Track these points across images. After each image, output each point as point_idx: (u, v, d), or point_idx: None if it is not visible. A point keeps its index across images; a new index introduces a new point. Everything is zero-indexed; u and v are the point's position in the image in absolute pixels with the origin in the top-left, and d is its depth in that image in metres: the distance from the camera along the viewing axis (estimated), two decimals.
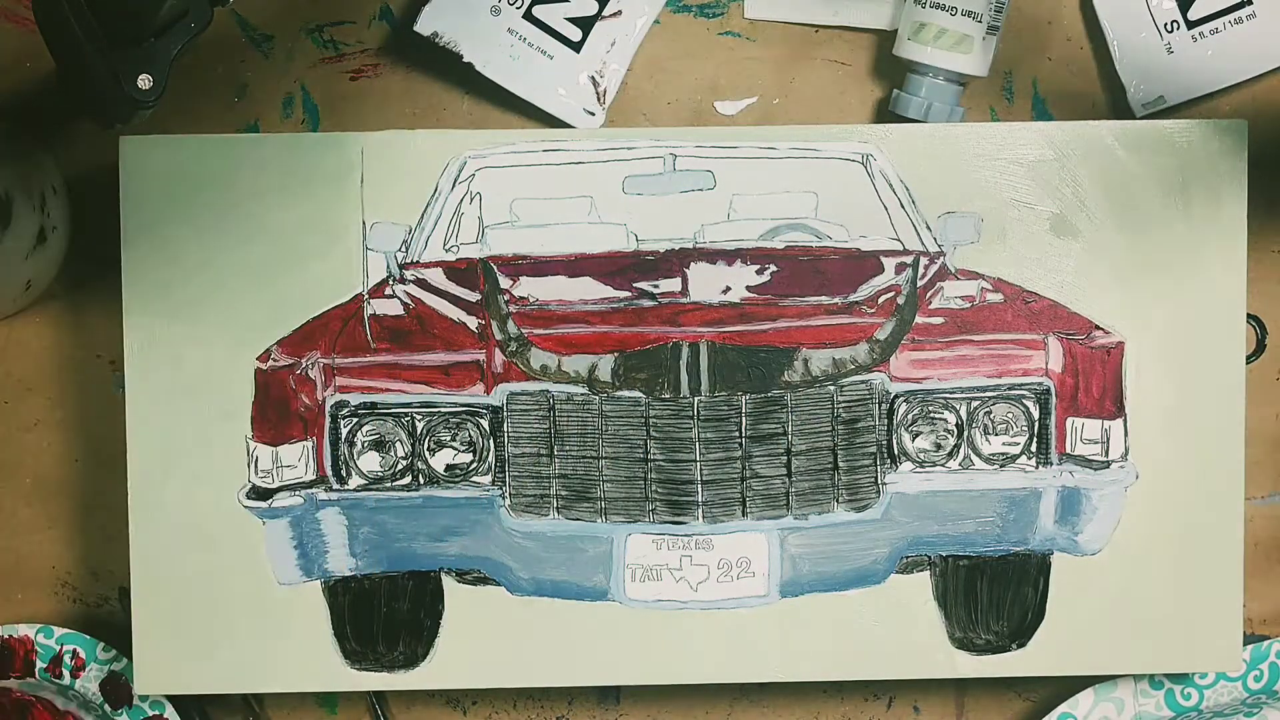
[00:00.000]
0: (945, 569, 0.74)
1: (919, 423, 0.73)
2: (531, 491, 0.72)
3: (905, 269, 0.73)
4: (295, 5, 0.78)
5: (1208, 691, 0.78)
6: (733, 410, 0.71)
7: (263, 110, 0.78)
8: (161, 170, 0.72)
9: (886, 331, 0.72)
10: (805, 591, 0.73)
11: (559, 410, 0.72)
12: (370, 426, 0.72)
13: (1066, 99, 0.79)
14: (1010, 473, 0.73)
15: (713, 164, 0.74)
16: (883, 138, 0.74)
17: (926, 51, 0.75)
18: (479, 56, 0.76)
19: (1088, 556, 0.74)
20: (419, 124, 0.78)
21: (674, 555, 0.73)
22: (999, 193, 0.74)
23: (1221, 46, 0.77)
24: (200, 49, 0.71)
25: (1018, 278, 0.74)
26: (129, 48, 0.61)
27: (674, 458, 0.72)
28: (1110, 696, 0.77)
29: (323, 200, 0.73)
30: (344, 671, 0.74)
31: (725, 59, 0.78)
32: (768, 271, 0.73)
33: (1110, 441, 0.73)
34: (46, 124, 0.77)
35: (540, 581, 0.73)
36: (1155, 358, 0.74)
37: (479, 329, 0.72)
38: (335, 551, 0.73)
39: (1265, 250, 0.79)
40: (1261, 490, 0.80)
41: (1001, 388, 0.73)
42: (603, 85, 0.77)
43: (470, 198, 0.74)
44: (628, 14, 0.77)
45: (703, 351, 0.71)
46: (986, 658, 0.74)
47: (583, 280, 0.73)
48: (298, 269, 0.73)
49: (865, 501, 0.73)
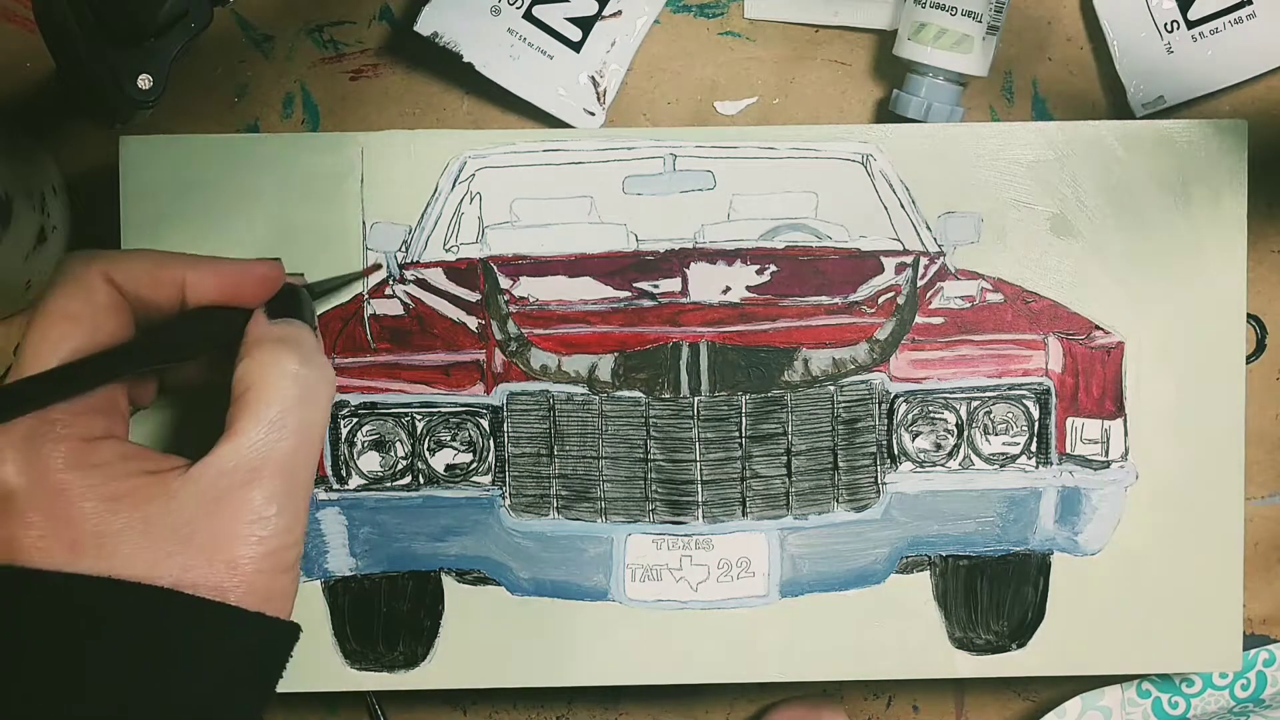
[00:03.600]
0: (945, 569, 0.74)
1: (919, 423, 0.73)
2: (531, 491, 0.72)
3: (905, 269, 0.73)
4: (295, 5, 0.78)
5: (1195, 700, 0.78)
6: (733, 410, 0.71)
7: (263, 110, 0.78)
8: (161, 170, 0.72)
9: (886, 331, 0.72)
10: (805, 591, 0.73)
11: (559, 410, 0.72)
12: (370, 426, 0.72)
13: (1066, 99, 0.79)
14: (1010, 473, 0.73)
15: (713, 164, 0.74)
16: (883, 138, 0.74)
17: (926, 51, 0.75)
18: (479, 56, 0.76)
19: (1088, 556, 0.74)
20: (419, 124, 0.78)
21: (674, 555, 0.73)
22: (999, 193, 0.74)
23: (1221, 46, 0.77)
24: (200, 49, 0.71)
25: (1018, 278, 0.74)
26: (129, 48, 0.61)
27: (674, 458, 0.72)
28: (1098, 705, 0.78)
29: (323, 200, 0.73)
30: (344, 671, 0.74)
31: (725, 59, 0.78)
32: (768, 271, 0.73)
33: (1110, 441, 0.73)
34: (46, 124, 0.77)
35: (540, 581, 0.73)
36: (1155, 358, 0.74)
37: (479, 329, 0.72)
38: (335, 551, 0.73)
39: (1265, 250, 0.79)
40: (1261, 490, 0.80)
41: (1001, 388, 0.73)
42: (603, 85, 0.77)
43: (470, 198, 0.74)
44: (628, 14, 0.77)
45: (703, 351, 0.71)
46: (986, 658, 0.74)
47: (583, 280, 0.73)
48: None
49: (865, 501, 0.73)
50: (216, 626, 0.54)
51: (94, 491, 0.53)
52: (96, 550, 0.53)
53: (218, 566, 0.54)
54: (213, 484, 0.55)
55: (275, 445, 0.55)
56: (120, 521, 0.53)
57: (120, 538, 0.53)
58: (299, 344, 0.59)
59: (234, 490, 0.55)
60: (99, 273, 0.58)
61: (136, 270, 0.59)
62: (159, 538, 0.53)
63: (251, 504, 0.55)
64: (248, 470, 0.55)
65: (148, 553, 0.53)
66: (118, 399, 0.59)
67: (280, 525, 0.55)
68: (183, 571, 0.53)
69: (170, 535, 0.53)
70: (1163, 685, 0.78)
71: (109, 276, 0.58)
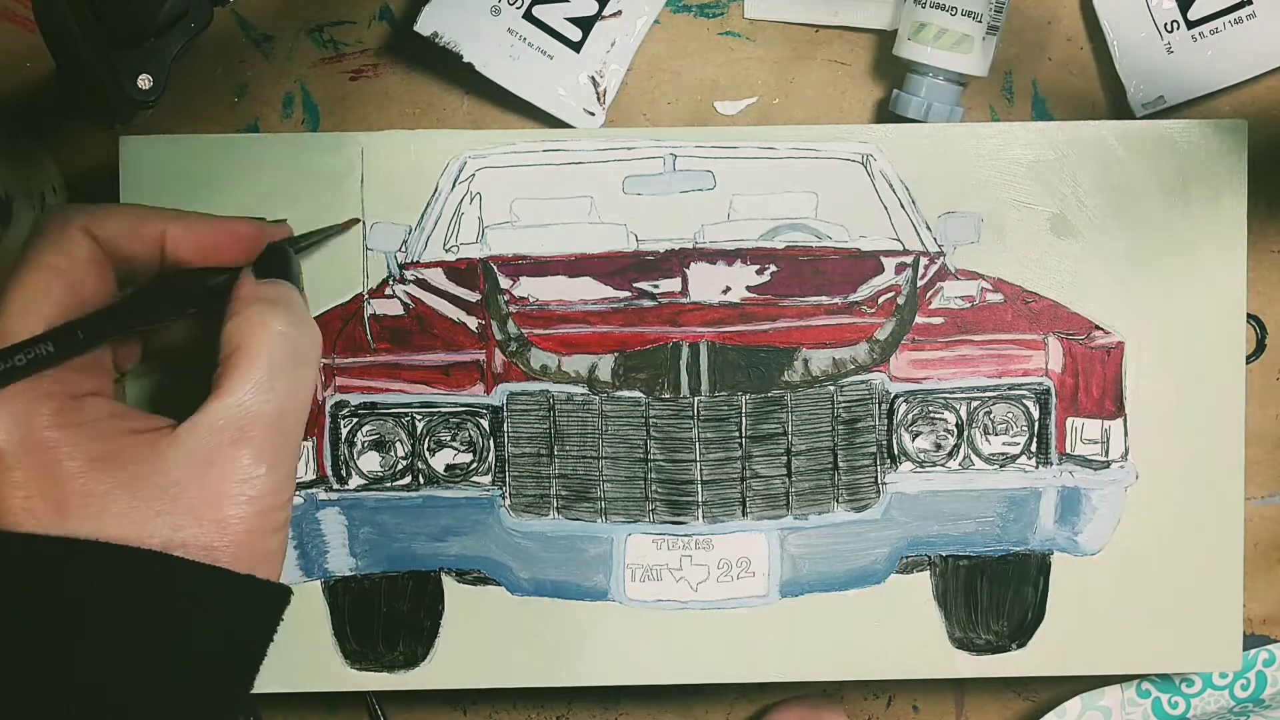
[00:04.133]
0: (945, 569, 0.74)
1: (919, 423, 0.73)
2: (531, 491, 0.72)
3: (905, 269, 0.73)
4: (295, 5, 0.78)
5: (1194, 700, 0.78)
6: (733, 410, 0.71)
7: (263, 110, 0.78)
8: (161, 170, 0.72)
9: (886, 331, 0.72)
10: (805, 591, 0.73)
11: (559, 410, 0.72)
12: (370, 426, 0.72)
13: (1066, 99, 0.79)
14: (1010, 473, 0.73)
15: (713, 164, 0.74)
16: (883, 138, 0.74)
17: (926, 51, 0.75)
18: (479, 56, 0.76)
19: (1088, 556, 0.74)
20: (419, 124, 0.78)
21: (674, 555, 0.73)
22: (999, 193, 0.74)
23: (1221, 46, 0.77)
24: (200, 49, 0.71)
25: (1018, 278, 0.74)
26: (129, 47, 0.61)
27: (674, 458, 0.72)
28: (1098, 705, 0.78)
29: (323, 200, 0.73)
30: (344, 671, 0.74)
31: (725, 59, 0.78)
32: (768, 271, 0.73)
33: (1110, 441, 0.73)
34: (46, 124, 0.77)
35: (540, 581, 0.73)
36: (1155, 358, 0.74)
37: (479, 329, 0.72)
38: (335, 551, 0.73)
39: (1265, 250, 0.79)
40: (1261, 490, 0.80)
41: (1001, 388, 0.73)
42: (603, 85, 0.77)
43: (470, 198, 0.74)
44: (628, 14, 0.77)
45: (703, 351, 0.71)
46: (986, 658, 0.74)
47: (583, 280, 0.73)
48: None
49: (865, 501, 0.73)
50: (207, 590, 0.53)
51: (81, 450, 0.53)
52: (84, 510, 0.52)
53: (207, 526, 0.53)
54: (201, 443, 0.54)
55: (264, 405, 0.55)
56: (108, 481, 0.53)
57: (108, 497, 0.52)
58: (287, 303, 0.59)
59: (222, 449, 0.54)
60: (79, 227, 0.57)
61: (117, 224, 0.58)
62: (147, 497, 0.53)
63: (240, 463, 0.54)
64: (236, 429, 0.54)
65: (136, 512, 0.53)
66: (103, 358, 0.58)
67: (269, 484, 0.55)
68: (172, 531, 0.53)
69: (158, 495, 0.53)
70: (1163, 685, 0.78)
71: (89, 230, 0.58)
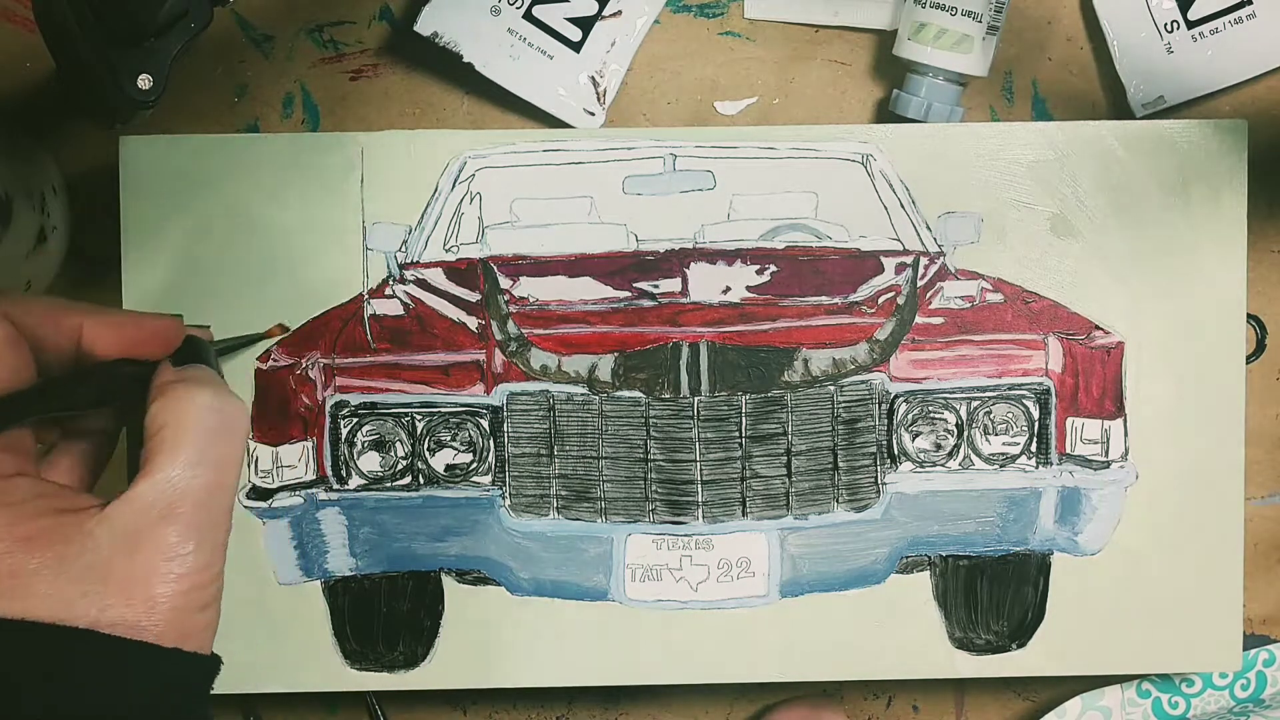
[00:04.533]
0: (945, 569, 0.74)
1: (919, 423, 0.73)
2: (531, 491, 0.72)
3: (905, 269, 0.73)
4: (295, 5, 0.78)
5: (1195, 700, 0.78)
6: (733, 410, 0.71)
7: (263, 110, 0.78)
8: (161, 170, 0.72)
9: (886, 331, 0.72)
10: (805, 591, 0.73)
11: (559, 410, 0.72)
12: (370, 426, 0.72)
13: (1066, 99, 0.79)
14: (1010, 473, 0.73)
15: (713, 164, 0.74)
16: (883, 138, 0.74)
17: (926, 51, 0.75)
18: (479, 56, 0.76)
19: (1088, 556, 0.74)
20: (419, 124, 0.78)
21: (674, 555, 0.73)
22: (999, 193, 0.74)
23: (1221, 46, 0.77)
24: (200, 49, 0.71)
25: (1018, 278, 0.74)
26: (129, 47, 0.61)
27: (674, 458, 0.72)
28: (1098, 705, 0.78)
29: (323, 200, 0.73)
30: (344, 671, 0.74)
31: (725, 59, 0.78)
32: (768, 271, 0.73)
33: (1110, 441, 0.73)
34: (46, 124, 0.77)
35: (540, 581, 0.73)
36: (1155, 358, 0.74)
37: (479, 329, 0.72)
38: (335, 551, 0.73)
39: (1265, 250, 0.79)
40: (1261, 490, 0.80)
41: (1001, 388, 0.73)
42: (603, 85, 0.77)
43: (470, 198, 0.74)
44: (628, 14, 0.77)
45: (703, 351, 0.71)
46: (986, 658, 0.74)
47: (583, 280, 0.73)
48: (298, 269, 0.73)
49: (865, 501, 0.73)
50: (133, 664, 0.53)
51: (7, 531, 0.53)
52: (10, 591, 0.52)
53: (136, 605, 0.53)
54: (130, 522, 0.54)
55: (193, 480, 0.55)
56: (35, 561, 0.52)
57: (35, 577, 0.52)
58: (211, 380, 0.59)
59: (151, 527, 0.54)
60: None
61: (36, 312, 0.58)
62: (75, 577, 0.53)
63: (167, 540, 0.54)
64: (165, 506, 0.54)
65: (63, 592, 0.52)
66: (24, 439, 0.58)
67: (197, 562, 0.55)
68: (100, 611, 0.52)
69: (86, 574, 0.53)
70: (1163, 685, 0.78)
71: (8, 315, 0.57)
